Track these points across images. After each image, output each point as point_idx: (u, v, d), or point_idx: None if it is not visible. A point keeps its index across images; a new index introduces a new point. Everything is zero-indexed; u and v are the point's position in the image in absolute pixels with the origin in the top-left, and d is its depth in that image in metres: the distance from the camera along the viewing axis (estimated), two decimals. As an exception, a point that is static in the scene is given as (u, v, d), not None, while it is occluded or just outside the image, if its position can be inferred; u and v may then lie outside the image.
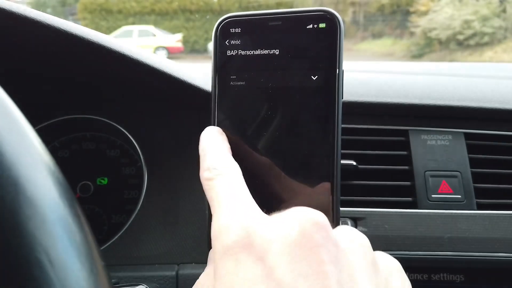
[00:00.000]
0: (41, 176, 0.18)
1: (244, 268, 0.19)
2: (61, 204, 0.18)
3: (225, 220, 0.22)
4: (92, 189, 0.56)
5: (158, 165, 0.55)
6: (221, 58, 0.30)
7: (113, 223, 0.54)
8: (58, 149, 0.57)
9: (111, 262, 0.50)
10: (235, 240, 0.20)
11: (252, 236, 0.20)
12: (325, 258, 0.19)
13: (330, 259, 0.19)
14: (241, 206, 0.23)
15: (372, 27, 10.58)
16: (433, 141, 0.53)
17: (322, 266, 0.18)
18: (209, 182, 0.24)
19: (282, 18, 0.29)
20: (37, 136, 0.19)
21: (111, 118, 0.57)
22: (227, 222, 0.22)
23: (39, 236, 0.16)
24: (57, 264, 0.16)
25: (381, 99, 0.54)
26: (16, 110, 0.19)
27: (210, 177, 0.25)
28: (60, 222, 0.18)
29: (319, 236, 0.19)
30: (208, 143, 0.27)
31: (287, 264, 0.19)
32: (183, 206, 0.52)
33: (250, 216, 0.21)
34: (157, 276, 0.48)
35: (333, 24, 0.28)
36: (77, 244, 0.18)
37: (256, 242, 0.20)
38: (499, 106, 0.54)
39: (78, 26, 0.43)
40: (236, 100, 0.29)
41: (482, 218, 0.49)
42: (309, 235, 0.19)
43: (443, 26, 8.67)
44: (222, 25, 0.30)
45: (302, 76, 0.28)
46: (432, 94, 0.56)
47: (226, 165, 0.25)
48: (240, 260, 0.20)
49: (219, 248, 0.21)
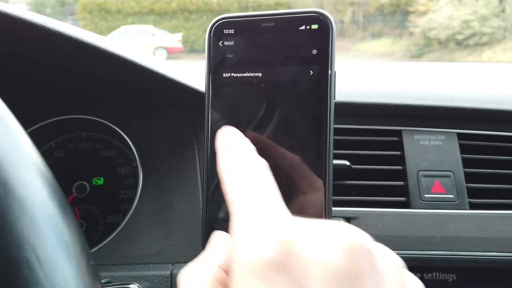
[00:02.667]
0: (31, 176, 0.18)
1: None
2: (50, 204, 0.18)
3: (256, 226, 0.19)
4: (88, 189, 0.56)
5: (154, 165, 0.55)
6: (214, 59, 0.30)
7: (109, 223, 0.55)
8: (54, 149, 0.58)
9: (106, 261, 0.50)
10: (267, 254, 0.17)
11: (290, 253, 0.17)
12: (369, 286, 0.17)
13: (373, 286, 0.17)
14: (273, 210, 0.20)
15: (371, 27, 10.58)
16: (426, 141, 0.53)
17: None
18: (235, 178, 0.22)
19: (275, 20, 0.29)
20: (27, 137, 0.20)
21: (107, 118, 0.57)
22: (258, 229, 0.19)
23: (28, 236, 0.17)
24: (45, 263, 0.17)
25: (375, 100, 0.55)
26: (6, 111, 0.19)
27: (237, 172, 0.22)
28: (49, 222, 0.18)
29: (367, 264, 0.18)
30: (232, 140, 0.25)
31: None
32: (178, 206, 0.52)
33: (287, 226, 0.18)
34: (152, 275, 0.48)
35: (325, 25, 0.28)
36: (66, 244, 0.18)
37: (294, 261, 0.17)
38: (492, 107, 0.54)
39: (74, 28, 0.43)
40: (230, 101, 0.30)
41: (475, 217, 0.49)
42: (357, 262, 0.17)
43: (442, 26, 8.68)
44: (215, 26, 0.30)
45: (295, 77, 0.29)
46: (425, 94, 0.56)
47: (254, 156, 0.23)
48: (274, 281, 0.17)
49: (245, 259, 0.18)
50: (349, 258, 0.17)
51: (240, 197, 0.21)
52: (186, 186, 0.53)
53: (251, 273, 0.17)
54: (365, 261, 0.18)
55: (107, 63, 0.47)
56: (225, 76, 0.30)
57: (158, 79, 0.49)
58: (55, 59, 0.49)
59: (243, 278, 0.18)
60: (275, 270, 0.17)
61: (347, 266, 0.17)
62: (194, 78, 0.53)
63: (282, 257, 0.17)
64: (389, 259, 0.20)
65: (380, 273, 0.18)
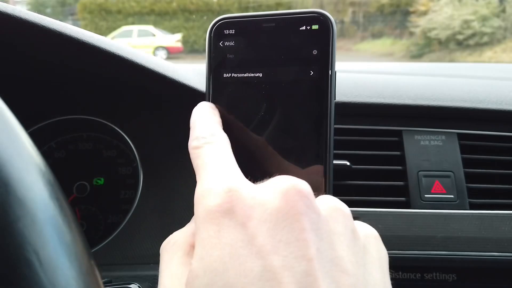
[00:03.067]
0: (32, 176, 0.18)
1: (226, 233, 0.19)
2: (51, 205, 0.18)
3: (208, 184, 0.21)
4: (89, 189, 0.56)
5: (154, 165, 0.55)
6: (215, 59, 0.30)
7: (109, 223, 0.55)
8: (54, 150, 0.58)
9: (107, 261, 0.50)
10: (218, 203, 0.20)
11: (235, 201, 0.20)
12: (307, 226, 0.19)
13: (312, 227, 0.19)
14: (225, 171, 0.22)
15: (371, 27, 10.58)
16: (427, 142, 0.53)
17: (303, 234, 0.19)
18: (196, 150, 0.24)
19: (275, 20, 0.29)
20: (28, 137, 0.20)
21: (107, 118, 0.57)
22: (210, 186, 0.21)
23: (29, 236, 0.17)
24: (46, 263, 0.17)
25: (375, 100, 0.55)
26: (7, 111, 0.19)
27: (197, 145, 0.25)
28: (50, 222, 0.18)
29: (302, 203, 0.19)
30: (199, 115, 0.27)
31: (268, 231, 0.19)
32: (178, 206, 0.52)
33: (233, 180, 0.21)
34: (152, 275, 0.48)
35: (325, 25, 0.28)
36: (67, 244, 0.18)
37: (238, 207, 0.20)
38: (492, 107, 0.54)
39: (74, 27, 0.43)
40: (230, 101, 0.30)
41: (475, 218, 0.49)
42: (292, 202, 0.19)
43: (443, 26, 8.68)
44: (216, 26, 0.30)
45: (296, 77, 0.29)
46: (425, 95, 0.56)
47: (214, 133, 0.25)
48: (222, 225, 0.19)
49: (201, 212, 0.21)
50: (285, 199, 0.19)
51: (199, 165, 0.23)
52: (187, 186, 0.53)
53: (205, 220, 0.20)
54: (301, 202, 0.19)
55: (107, 63, 0.47)
56: (226, 77, 0.30)
57: (159, 79, 0.49)
58: (55, 59, 0.49)
59: (199, 225, 0.20)
60: (223, 216, 0.20)
61: (283, 206, 0.19)
62: (194, 78, 0.53)
63: (228, 204, 0.20)
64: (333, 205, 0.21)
65: (318, 213, 0.20)
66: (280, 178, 0.21)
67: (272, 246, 0.18)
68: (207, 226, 0.20)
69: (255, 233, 0.19)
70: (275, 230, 0.19)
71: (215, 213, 0.20)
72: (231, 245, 0.19)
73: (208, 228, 0.20)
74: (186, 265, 0.22)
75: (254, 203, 0.20)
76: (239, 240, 0.19)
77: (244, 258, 0.18)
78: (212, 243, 0.19)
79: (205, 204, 0.20)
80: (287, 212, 0.19)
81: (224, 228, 0.19)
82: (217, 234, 0.19)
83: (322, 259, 0.19)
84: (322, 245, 0.19)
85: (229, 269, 0.18)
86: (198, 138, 0.25)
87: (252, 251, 0.18)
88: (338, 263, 0.19)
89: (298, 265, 0.18)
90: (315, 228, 0.19)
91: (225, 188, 0.20)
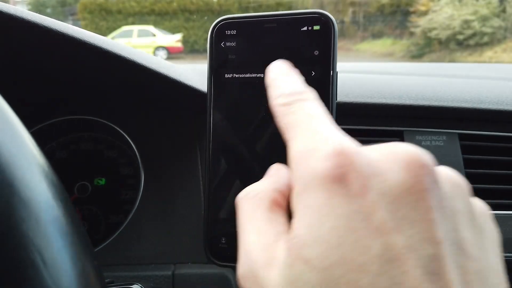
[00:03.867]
0: (35, 178, 0.18)
1: (339, 202, 0.17)
2: (55, 206, 0.18)
3: (312, 143, 0.19)
4: (90, 189, 0.56)
5: (155, 165, 0.55)
6: (216, 60, 0.30)
7: (111, 223, 0.55)
8: (56, 150, 0.58)
9: (108, 261, 0.50)
10: (328, 167, 0.17)
11: (348, 167, 0.17)
12: (433, 204, 0.17)
13: (437, 205, 0.17)
14: (331, 129, 0.19)
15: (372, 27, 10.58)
16: (428, 142, 0.53)
17: (430, 214, 0.17)
18: (286, 107, 0.22)
19: (277, 20, 0.29)
20: (31, 138, 0.20)
21: (109, 119, 0.57)
22: (314, 145, 0.19)
23: (33, 237, 0.17)
24: (50, 264, 0.17)
25: (376, 100, 0.55)
26: (10, 112, 0.19)
27: (288, 102, 0.22)
28: (54, 223, 0.18)
29: (428, 179, 0.17)
30: (280, 72, 0.25)
31: (388, 206, 0.17)
32: (180, 206, 0.52)
33: (343, 141, 0.18)
34: (154, 275, 0.48)
35: (327, 26, 0.28)
36: (71, 245, 0.18)
37: (352, 174, 0.17)
38: (493, 107, 0.54)
39: (74, 28, 0.43)
40: (231, 101, 0.30)
41: (476, 218, 0.49)
42: (417, 176, 0.17)
43: (443, 26, 8.68)
44: (217, 27, 0.30)
45: None
46: (426, 95, 0.56)
47: (304, 90, 0.23)
48: (334, 193, 0.17)
49: (305, 173, 0.18)
50: (408, 171, 0.17)
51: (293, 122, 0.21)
52: (188, 187, 0.53)
53: (311, 184, 0.18)
54: (426, 176, 0.17)
55: (108, 63, 0.47)
56: (227, 77, 0.30)
57: (160, 79, 0.49)
58: (56, 59, 0.49)
59: (304, 191, 0.18)
60: (334, 182, 0.17)
61: (406, 180, 0.17)
62: (196, 78, 0.53)
63: (341, 170, 0.17)
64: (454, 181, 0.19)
65: (442, 190, 0.18)
66: (397, 145, 0.18)
67: (394, 224, 0.16)
68: (315, 191, 0.17)
69: (373, 207, 0.17)
70: (396, 205, 0.17)
71: (324, 178, 0.17)
72: (345, 217, 0.17)
73: (317, 194, 0.17)
74: (271, 222, 0.20)
75: (371, 172, 0.17)
76: (355, 211, 0.17)
77: (361, 232, 0.16)
78: (322, 212, 0.17)
79: (310, 166, 0.18)
80: (411, 187, 0.17)
81: (336, 197, 0.17)
82: (328, 202, 0.17)
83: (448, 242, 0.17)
84: (447, 225, 0.17)
85: (344, 242, 0.16)
86: (285, 95, 0.23)
87: (370, 226, 0.16)
88: (462, 246, 0.17)
89: (424, 248, 0.16)
90: (440, 207, 0.17)
91: (335, 149, 0.18)
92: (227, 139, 0.29)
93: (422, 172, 0.17)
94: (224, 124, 0.30)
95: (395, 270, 0.16)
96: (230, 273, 0.49)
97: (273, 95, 0.23)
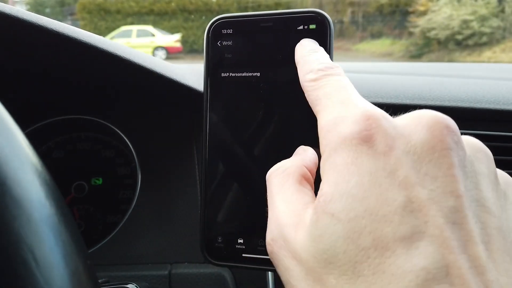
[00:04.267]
0: (28, 176, 0.18)
1: (365, 160, 0.18)
2: (47, 204, 0.18)
3: (341, 112, 0.20)
4: (87, 189, 0.56)
5: (152, 165, 0.55)
6: (213, 59, 0.30)
7: (108, 223, 0.55)
8: (53, 150, 0.58)
9: (105, 261, 0.50)
10: (356, 130, 0.18)
11: (375, 129, 0.18)
12: (455, 162, 0.18)
13: (459, 163, 0.18)
14: (359, 99, 0.21)
15: (371, 27, 10.59)
16: (425, 142, 0.53)
17: (452, 170, 0.17)
18: (315, 82, 0.23)
19: (273, 20, 0.29)
20: (24, 137, 0.20)
21: (105, 119, 0.57)
22: (343, 113, 0.20)
23: (25, 235, 0.17)
24: (42, 263, 0.17)
25: (373, 100, 0.55)
26: (3, 110, 0.19)
27: (316, 77, 0.23)
28: (46, 222, 0.18)
29: (450, 138, 0.18)
30: (308, 49, 0.26)
31: (412, 163, 0.18)
32: (176, 206, 0.52)
33: (370, 108, 0.19)
34: (150, 275, 0.48)
35: (323, 25, 0.28)
36: (63, 243, 0.18)
37: (379, 135, 0.18)
38: (489, 107, 0.54)
39: (71, 27, 0.43)
40: (228, 101, 0.30)
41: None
42: (440, 136, 0.18)
43: (442, 26, 8.69)
44: (213, 26, 0.30)
45: (293, 77, 0.29)
46: (424, 95, 0.56)
47: (332, 66, 0.24)
48: (361, 152, 0.18)
49: (334, 138, 0.19)
50: (431, 131, 0.18)
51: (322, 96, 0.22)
52: (185, 186, 0.53)
53: (339, 147, 0.19)
54: (448, 136, 0.18)
55: (106, 63, 0.47)
56: (224, 76, 0.30)
57: (157, 79, 0.49)
58: (53, 59, 0.49)
59: (331, 152, 0.19)
60: (361, 143, 0.18)
61: (429, 139, 0.18)
62: (192, 78, 0.53)
63: (368, 132, 0.18)
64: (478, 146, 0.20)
65: (464, 151, 0.19)
66: (422, 111, 0.19)
67: (417, 179, 0.17)
68: (343, 152, 0.19)
69: (398, 164, 0.18)
70: (420, 163, 0.18)
71: (352, 140, 0.18)
72: (371, 173, 0.18)
73: (344, 155, 0.18)
74: (300, 192, 0.21)
75: (396, 133, 0.18)
76: (380, 168, 0.18)
77: (386, 186, 0.17)
78: (349, 170, 0.18)
79: (340, 131, 0.19)
80: (434, 146, 0.18)
81: (362, 156, 0.18)
82: (355, 161, 0.18)
83: (469, 197, 0.18)
84: (469, 183, 0.18)
85: (369, 196, 0.17)
86: (315, 71, 0.24)
87: (394, 181, 0.17)
88: (483, 203, 0.18)
89: (446, 200, 0.17)
90: (462, 166, 0.18)
91: (363, 115, 0.19)
92: (223, 138, 0.29)
93: (445, 132, 0.18)
94: (221, 123, 0.30)
95: (418, 219, 0.17)
96: (227, 272, 0.49)
97: (303, 72, 0.25)
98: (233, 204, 0.29)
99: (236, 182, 0.29)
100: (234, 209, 0.29)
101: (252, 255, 0.28)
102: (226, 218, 0.29)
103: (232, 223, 0.29)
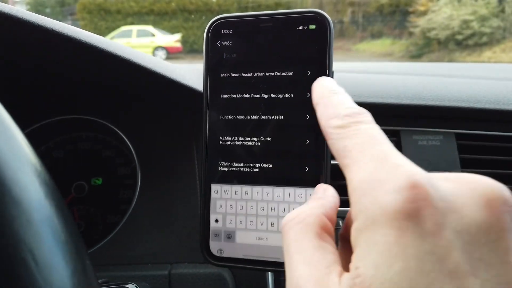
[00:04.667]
0: (27, 177, 0.18)
1: (411, 241, 0.15)
2: (47, 205, 0.18)
3: (378, 170, 0.17)
4: (87, 189, 0.56)
5: (152, 165, 0.55)
6: (212, 59, 0.30)
7: (108, 223, 0.55)
8: (53, 150, 0.58)
9: (105, 261, 0.50)
10: (399, 202, 0.16)
11: (421, 202, 0.16)
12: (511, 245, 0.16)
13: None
14: (399, 157, 0.18)
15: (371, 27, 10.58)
16: (424, 141, 0.53)
17: (509, 256, 0.15)
18: (343, 130, 0.20)
19: (273, 20, 0.29)
20: (23, 137, 0.20)
21: (106, 118, 0.57)
22: (381, 173, 0.17)
23: (24, 236, 0.17)
24: (41, 263, 0.17)
25: (373, 100, 0.55)
26: (2, 111, 0.19)
27: (344, 124, 0.20)
28: (46, 222, 0.18)
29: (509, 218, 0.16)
30: (329, 90, 0.23)
31: (465, 246, 0.15)
32: (176, 206, 0.52)
33: (414, 172, 0.16)
34: (150, 275, 0.48)
35: (323, 25, 0.28)
36: (62, 244, 0.18)
37: (426, 211, 0.16)
38: (489, 107, 0.54)
39: (72, 27, 0.43)
40: (228, 101, 0.30)
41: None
42: (498, 214, 0.16)
43: (442, 26, 8.68)
44: (213, 26, 0.30)
45: (293, 77, 0.29)
46: (424, 95, 0.56)
47: (360, 112, 0.21)
48: (406, 230, 0.15)
49: (371, 207, 0.17)
50: (490, 211, 0.16)
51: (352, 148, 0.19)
52: (185, 187, 0.53)
53: (380, 220, 0.16)
54: (507, 214, 0.16)
55: (106, 63, 0.47)
56: (223, 76, 0.30)
57: (157, 79, 0.49)
58: (53, 59, 0.49)
59: (370, 227, 0.16)
60: (407, 219, 0.16)
61: (487, 218, 0.16)
62: (193, 78, 0.53)
63: (414, 205, 0.16)
64: None
65: None
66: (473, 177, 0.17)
67: (470, 266, 0.15)
68: (383, 227, 0.16)
69: (448, 247, 0.15)
70: (473, 245, 0.15)
71: (395, 213, 0.16)
72: (417, 258, 0.15)
73: (385, 231, 0.16)
74: (320, 250, 0.19)
75: (446, 208, 0.16)
76: (428, 253, 0.15)
77: (434, 276, 0.15)
78: (391, 251, 0.16)
79: (379, 200, 0.16)
80: (490, 226, 0.16)
81: (408, 235, 0.15)
82: (399, 241, 0.16)
83: None
84: None
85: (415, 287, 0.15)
86: (341, 116, 0.21)
87: (444, 269, 0.15)
88: None
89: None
90: None
91: (408, 181, 0.16)
92: (224, 138, 0.29)
93: (503, 209, 0.16)
94: (221, 123, 0.30)
95: None
96: (227, 272, 0.49)
97: (326, 116, 0.22)
98: None
99: (236, 182, 0.29)
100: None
101: (252, 255, 0.28)
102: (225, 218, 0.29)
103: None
